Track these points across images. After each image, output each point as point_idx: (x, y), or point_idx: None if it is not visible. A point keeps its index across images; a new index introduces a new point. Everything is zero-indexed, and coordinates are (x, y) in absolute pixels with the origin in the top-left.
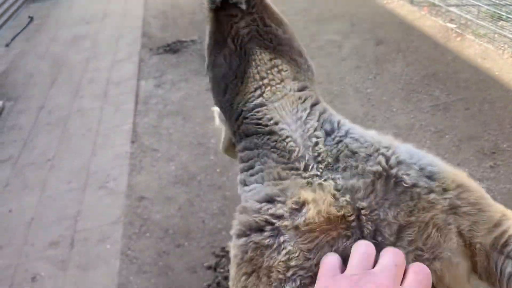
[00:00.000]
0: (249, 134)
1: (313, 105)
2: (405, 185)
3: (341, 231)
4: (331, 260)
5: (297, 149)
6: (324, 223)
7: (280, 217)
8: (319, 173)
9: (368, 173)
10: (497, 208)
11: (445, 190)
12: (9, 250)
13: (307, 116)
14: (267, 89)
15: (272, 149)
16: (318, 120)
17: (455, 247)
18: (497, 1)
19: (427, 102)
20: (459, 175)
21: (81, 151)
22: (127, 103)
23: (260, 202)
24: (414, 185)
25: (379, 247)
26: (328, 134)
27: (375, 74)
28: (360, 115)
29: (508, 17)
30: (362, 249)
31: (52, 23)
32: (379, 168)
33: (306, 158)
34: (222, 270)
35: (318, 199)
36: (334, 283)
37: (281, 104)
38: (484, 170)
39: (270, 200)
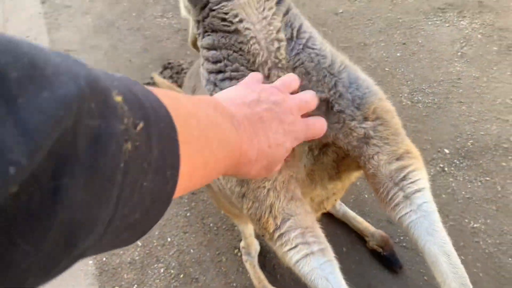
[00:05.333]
0: (215, 29)
1: (278, 3)
2: (335, 110)
3: None
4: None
5: (261, 53)
6: None
7: None
8: None
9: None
10: (403, 145)
11: (365, 119)
12: None
13: (272, 15)
14: None
15: (240, 52)
16: (281, 21)
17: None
18: None
19: None
20: (383, 107)
21: None
22: None
23: None
24: (342, 112)
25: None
26: (288, 40)
27: None
28: None
29: None
30: (288, 77)
31: None
32: (323, 95)
33: (269, 65)
34: None
35: None
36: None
37: (247, 1)
38: None
39: None
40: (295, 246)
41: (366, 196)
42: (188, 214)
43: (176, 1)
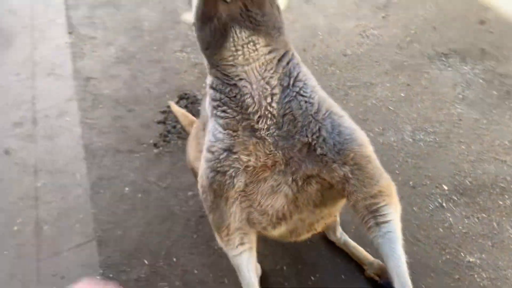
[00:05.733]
0: (217, 77)
1: (279, 60)
2: (317, 153)
3: (272, 173)
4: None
5: (253, 105)
6: (261, 168)
7: (234, 165)
8: (266, 127)
9: (298, 140)
10: (377, 186)
11: (344, 164)
12: None
13: (271, 74)
14: (240, 57)
15: (232, 99)
16: (279, 78)
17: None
18: None
19: None
20: (361, 153)
21: (21, 47)
22: None
23: (224, 150)
24: (324, 155)
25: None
26: (284, 88)
27: None
28: None
29: None
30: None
31: None
32: (305, 139)
33: (258, 114)
34: (170, 122)
35: (259, 154)
36: None
37: (251, 68)
38: (377, 20)
39: (230, 150)
40: (236, 247)
41: None
42: (194, 236)
43: (195, 37)
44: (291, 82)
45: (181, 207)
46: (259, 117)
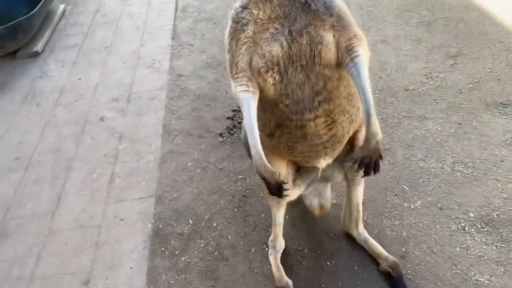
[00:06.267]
0: None
1: None
2: (311, 8)
3: (274, 24)
4: None
5: None
6: (266, 19)
7: (247, 16)
8: None
9: (297, 1)
10: (353, 31)
11: (331, 15)
12: (82, 102)
13: None
14: None
15: None
16: None
17: (330, 40)
18: None
19: (415, 19)
20: (342, 10)
21: (131, 42)
22: (168, 10)
23: (241, 7)
24: (317, 10)
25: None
26: None
27: None
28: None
29: None
30: None
31: None
32: (303, 0)
33: None
34: (237, 119)
35: (267, 9)
36: None
37: None
38: (445, 66)
39: (245, 7)
40: (242, 85)
41: (387, 232)
42: (235, 210)
43: None
44: None
45: (230, 186)
46: None
